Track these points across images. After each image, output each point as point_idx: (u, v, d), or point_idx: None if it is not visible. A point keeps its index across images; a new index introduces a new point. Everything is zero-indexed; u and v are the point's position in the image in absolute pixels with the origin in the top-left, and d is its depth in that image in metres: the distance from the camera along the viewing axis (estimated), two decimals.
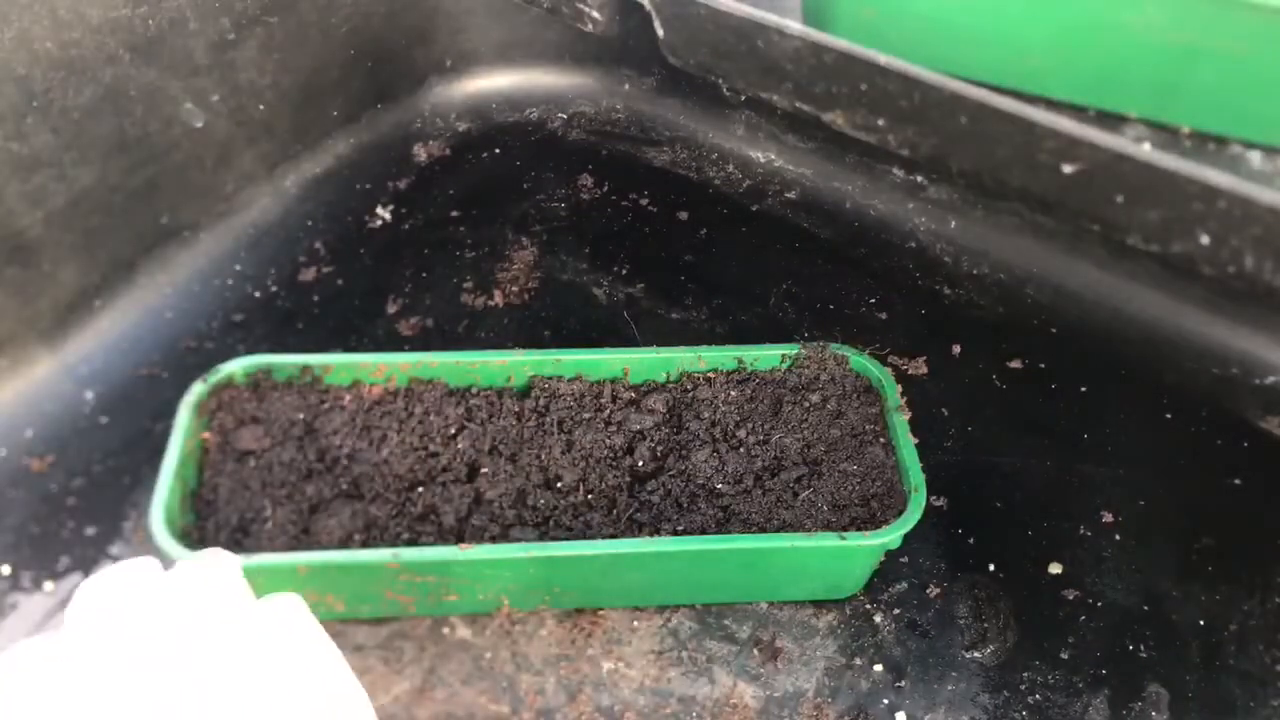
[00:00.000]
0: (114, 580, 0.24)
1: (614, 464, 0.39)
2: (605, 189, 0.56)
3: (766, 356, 0.41)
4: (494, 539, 0.37)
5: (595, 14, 0.46)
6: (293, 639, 0.23)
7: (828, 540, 0.35)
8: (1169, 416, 0.45)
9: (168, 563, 0.31)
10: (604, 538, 0.37)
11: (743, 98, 0.49)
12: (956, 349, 0.48)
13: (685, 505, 0.38)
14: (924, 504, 0.36)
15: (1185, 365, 0.47)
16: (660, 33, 0.44)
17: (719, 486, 0.38)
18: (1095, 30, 0.49)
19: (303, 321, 0.49)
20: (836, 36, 0.40)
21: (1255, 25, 0.46)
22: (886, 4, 0.52)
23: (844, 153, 0.55)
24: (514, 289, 0.50)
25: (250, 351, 0.42)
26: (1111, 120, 0.52)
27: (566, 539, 0.37)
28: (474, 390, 0.40)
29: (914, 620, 0.39)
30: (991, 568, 0.41)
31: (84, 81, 0.43)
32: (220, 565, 0.25)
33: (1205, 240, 0.37)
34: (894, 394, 0.40)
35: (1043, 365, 0.47)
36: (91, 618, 0.23)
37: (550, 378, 0.40)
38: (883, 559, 0.39)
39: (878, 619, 0.39)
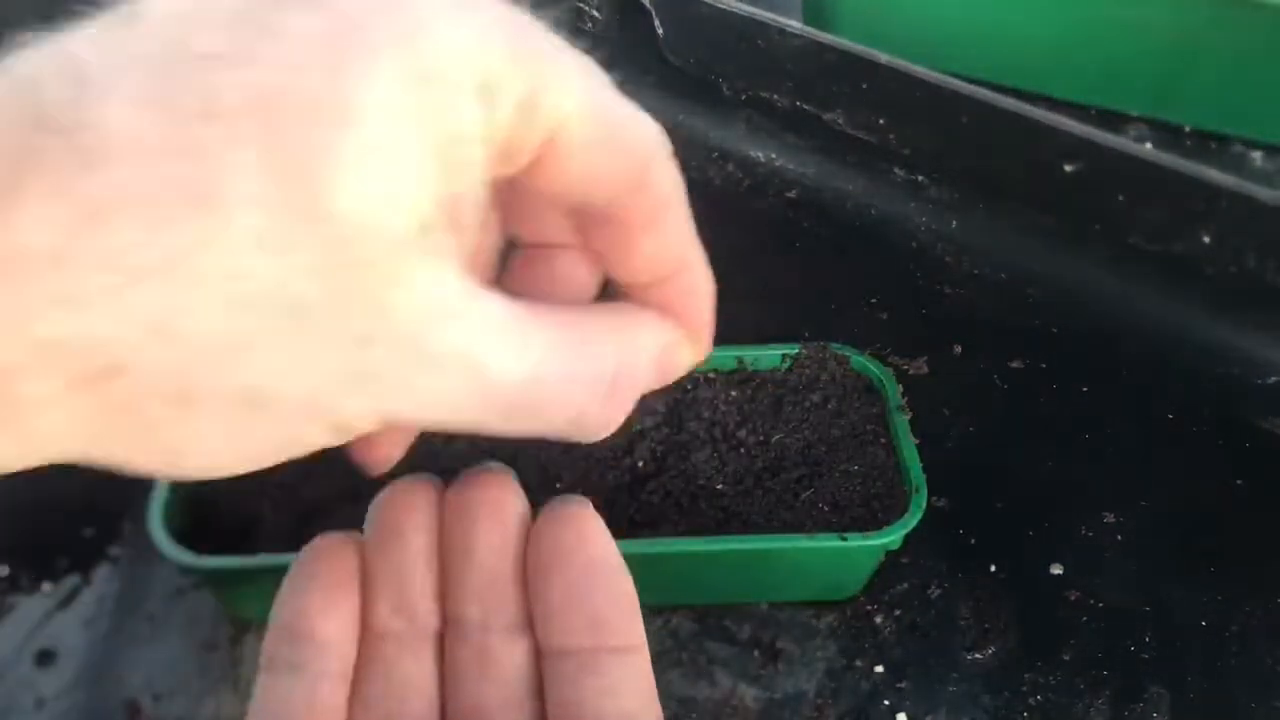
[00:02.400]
0: None
1: (613, 464, 0.39)
2: None
3: (766, 356, 0.41)
4: None
5: (595, 13, 0.46)
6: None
7: (828, 541, 0.35)
8: (1171, 417, 0.45)
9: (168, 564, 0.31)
10: None
11: (743, 97, 0.49)
12: (958, 349, 0.48)
13: (685, 506, 0.37)
14: (925, 504, 0.36)
15: (1187, 365, 0.47)
16: (660, 31, 0.44)
17: (719, 487, 0.38)
18: (1097, 29, 0.49)
19: None
20: (837, 35, 0.40)
21: (1257, 24, 0.46)
22: (888, 3, 0.52)
23: (845, 152, 0.55)
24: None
25: None
26: (1113, 119, 0.52)
27: None
28: None
29: (915, 621, 0.39)
30: (993, 568, 0.40)
31: None
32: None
33: (1207, 239, 0.37)
34: (895, 394, 0.40)
35: (1044, 365, 0.47)
36: None
37: None
38: (883, 559, 0.38)
39: (879, 620, 0.39)
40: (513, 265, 0.23)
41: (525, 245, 0.23)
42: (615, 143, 0.19)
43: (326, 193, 0.15)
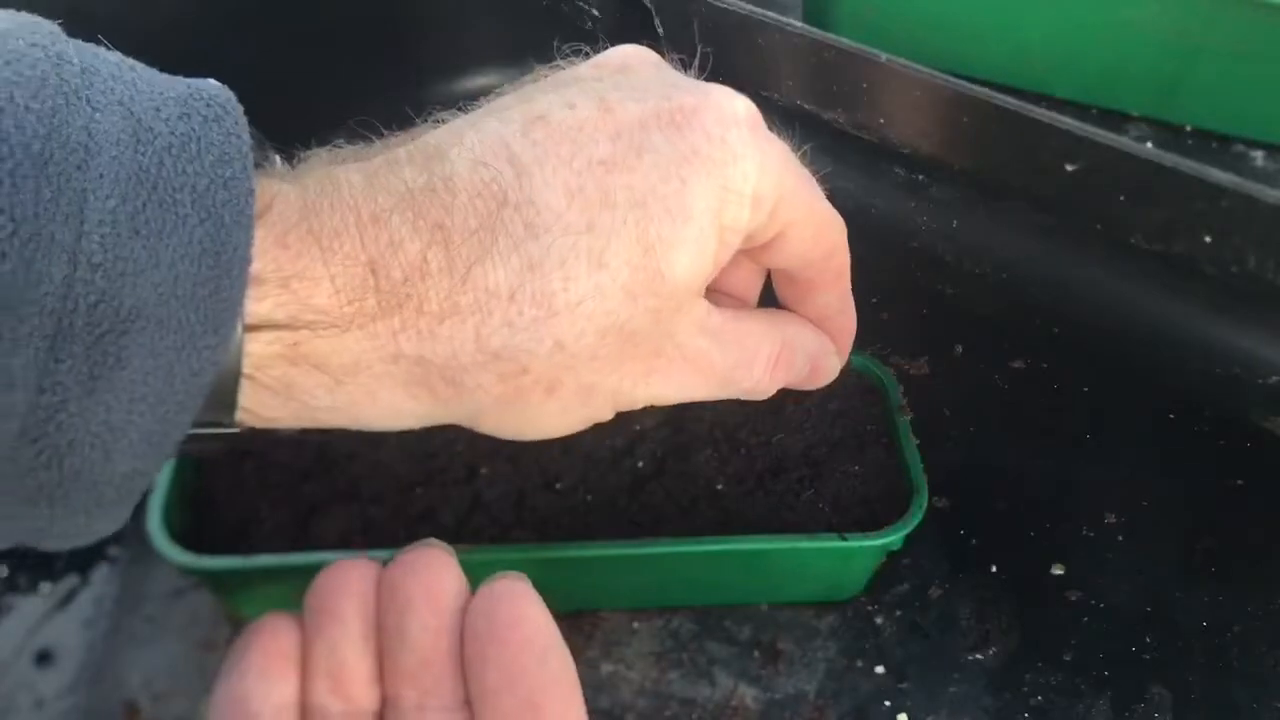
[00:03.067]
0: None
1: (614, 465, 0.39)
2: None
3: None
4: (493, 540, 0.36)
5: (595, 12, 0.46)
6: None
7: (829, 541, 0.35)
8: (1172, 417, 0.45)
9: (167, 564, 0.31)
10: (604, 539, 0.36)
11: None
12: (959, 349, 0.48)
13: (686, 507, 0.37)
14: (926, 505, 0.36)
15: (1188, 365, 0.47)
16: (660, 30, 0.44)
17: (720, 488, 0.38)
18: (1098, 28, 0.49)
19: None
20: (838, 34, 0.40)
21: (1258, 23, 0.46)
22: (887, 2, 0.52)
23: (845, 151, 0.55)
24: None
25: None
26: (1114, 119, 0.52)
27: (566, 540, 0.36)
28: None
29: (916, 622, 0.39)
30: (994, 569, 0.40)
31: None
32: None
33: (1208, 239, 0.37)
34: (896, 394, 0.40)
35: (1045, 365, 0.47)
36: None
37: None
38: (884, 560, 0.38)
39: (879, 620, 0.39)
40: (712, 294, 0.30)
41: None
42: (819, 234, 0.28)
43: (667, 264, 0.24)
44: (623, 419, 0.39)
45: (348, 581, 0.25)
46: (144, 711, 0.36)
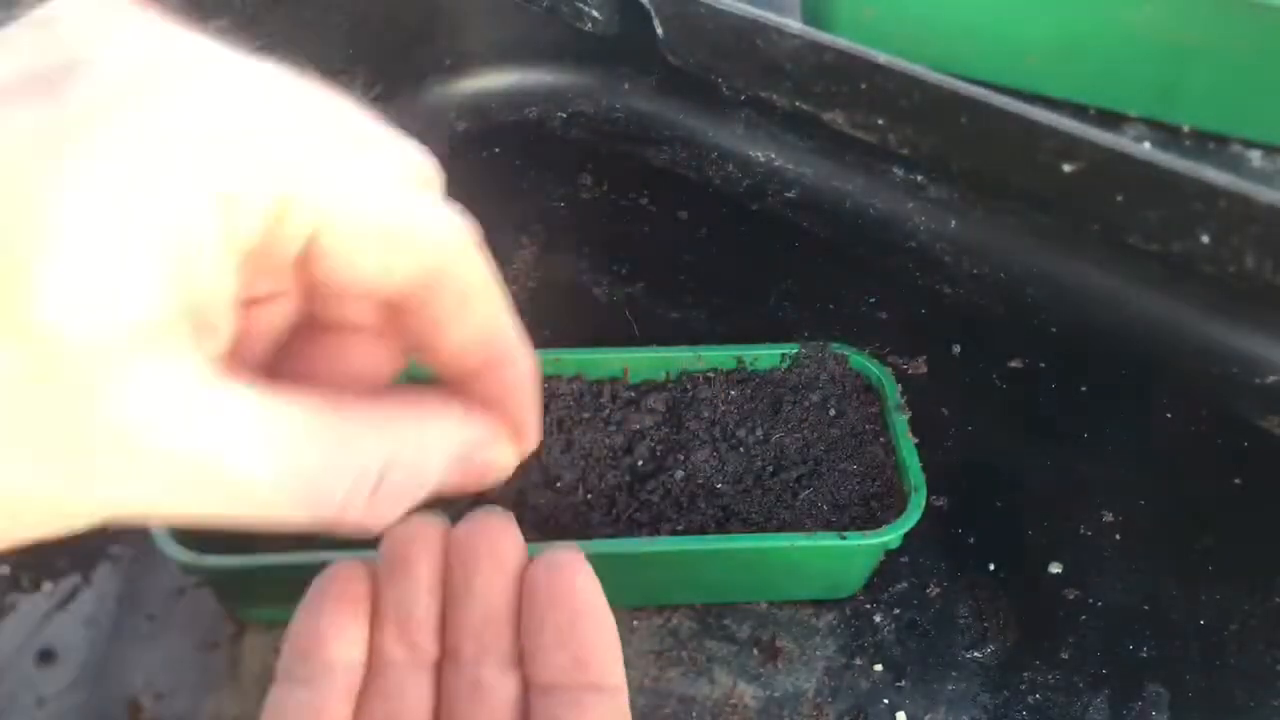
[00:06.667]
0: None
1: (613, 463, 0.39)
2: (605, 189, 0.56)
3: (766, 356, 0.41)
4: None
5: (594, 13, 0.46)
6: None
7: (827, 540, 0.35)
8: (1169, 416, 0.45)
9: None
10: (604, 538, 0.37)
11: (742, 97, 0.49)
12: (956, 348, 0.48)
13: (685, 505, 0.38)
14: (924, 504, 0.36)
15: (1186, 364, 0.47)
16: (660, 32, 0.44)
17: (719, 486, 0.38)
18: (1095, 29, 0.49)
19: None
20: (836, 35, 0.40)
21: (1256, 24, 0.46)
22: (886, 3, 0.52)
23: (844, 152, 0.55)
24: (514, 289, 0.50)
25: None
26: (1112, 119, 0.52)
27: (565, 539, 0.36)
28: None
29: (914, 620, 0.39)
30: (991, 567, 0.41)
31: None
32: None
33: (1206, 239, 0.37)
34: (894, 393, 0.40)
35: (1043, 365, 0.47)
36: None
37: (550, 377, 0.40)
38: (883, 559, 0.39)
39: (878, 619, 0.39)
40: (305, 344, 0.22)
41: (324, 324, 0.22)
42: (395, 241, 0.19)
43: (26, 305, 0.14)
44: (623, 418, 0.40)
45: (421, 534, 0.26)
46: (146, 710, 0.36)
